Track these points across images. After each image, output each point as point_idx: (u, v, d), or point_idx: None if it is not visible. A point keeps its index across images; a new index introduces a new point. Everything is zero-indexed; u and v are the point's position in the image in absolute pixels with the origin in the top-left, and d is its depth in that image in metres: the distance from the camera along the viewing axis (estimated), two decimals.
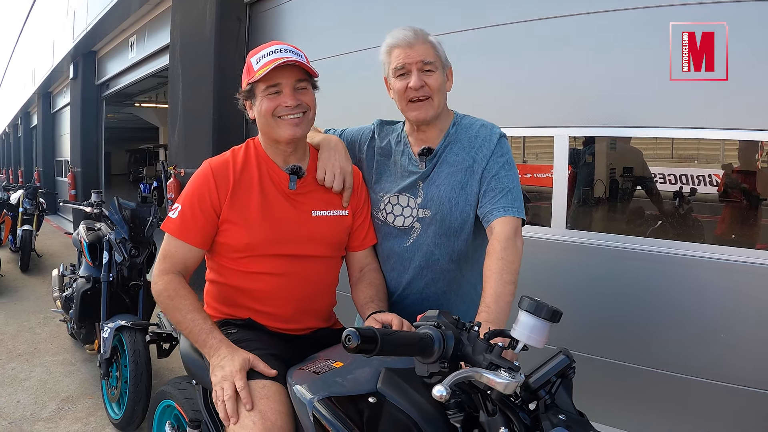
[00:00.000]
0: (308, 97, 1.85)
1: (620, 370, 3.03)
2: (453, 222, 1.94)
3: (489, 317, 1.60)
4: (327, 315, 2.06)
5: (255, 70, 1.79)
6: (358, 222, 2.04)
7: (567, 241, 3.27)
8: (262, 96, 1.82)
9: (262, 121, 1.85)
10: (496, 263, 1.72)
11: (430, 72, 1.89)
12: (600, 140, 3.35)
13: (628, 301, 3.03)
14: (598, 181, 3.41)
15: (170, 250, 1.83)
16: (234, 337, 1.82)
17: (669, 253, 2.90)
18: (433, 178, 1.97)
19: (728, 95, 2.68)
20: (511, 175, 1.90)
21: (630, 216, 3.37)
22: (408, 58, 1.88)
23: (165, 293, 1.77)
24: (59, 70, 14.47)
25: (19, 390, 4.16)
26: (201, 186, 1.85)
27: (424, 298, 2.03)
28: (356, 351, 1.11)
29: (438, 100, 1.91)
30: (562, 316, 1.22)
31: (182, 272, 1.83)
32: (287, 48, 1.82)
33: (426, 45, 1.90)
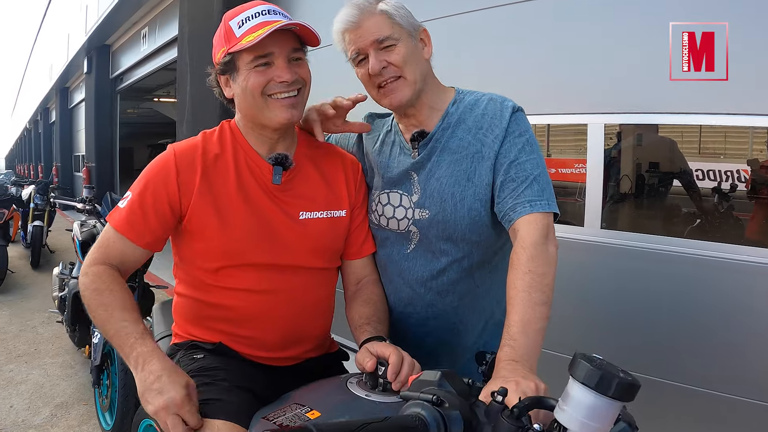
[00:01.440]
0: (304, 70, 1.48)
1: (660, 388, 2.70)
2: (459, 223, 1.53)
3: (515, 353, 1.19)
4: (320, 340, 1.66)
5: (238, 37, 1.40)
6: (356, 223, 1.66)
7: (602, 242, 2.95)
8: (247, 69, 1.42)
9: (247, 101, 1.45)
10: (522, 278, 1.32)
11: (390, 47, 1.50)
12: (635, 130, 3.04)
13: (670, 310, 2.71)
14: (633, 176, 3.12)
15: (108, 242, 1.45)
16: (199, 362, 1.48)
17: (715, 257, 2.58)
18: (431, 170, 1.57)
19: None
20: (535, 159, 1.48)
21: (672, 215, 3.06)
22: (360, 41, 1.51)
23: (92, 286, 1.37)
24: (74, 64, 14.54)
25: (13, 394, 3.99)
26: (158, 175, 1.46)
27: (429, 317, 1.64)
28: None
29: (412, 74, 1.52)
30: (639, 389, 0.79)
31: (117, 267, 1.44)
32: (275, 10, 1.44)
33: (375, 18, 1.51)
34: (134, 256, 1.46)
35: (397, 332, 1.68)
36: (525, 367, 1.14)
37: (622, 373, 0.76)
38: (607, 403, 0.77)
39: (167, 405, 1.19)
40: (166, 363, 1.26)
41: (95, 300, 1.36)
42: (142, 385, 1.23)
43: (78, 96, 17.31)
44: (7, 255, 7.23)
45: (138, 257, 1.47)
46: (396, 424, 0.85)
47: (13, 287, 7.22)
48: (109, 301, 1.35)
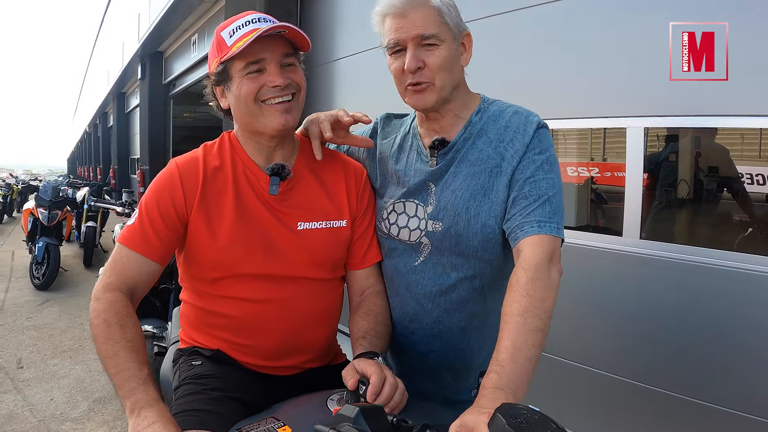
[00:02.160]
0: (297, 75, 1.47)
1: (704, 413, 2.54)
2: (472, 239, 1.47)
3: (501, 381, 1.12)
4: (322, 351, 1.63)
5: (229, 46, 1.41)
6: (358, 233, 1.62)
7: (641, 254, 2.78)
8: (240, 77, 1.42)
9: (242, 108, 1.45)
10: (518, 301, 1.24)
11: (432, 46, 1.42)
12: (680, 134, 2.87)
13: (712, 330, 2.54)
14: (681, 181, 2.93)
15: (121, 261, 1.43)
16: (196, 369, 1.50)
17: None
18: (447, 181, 1.51)
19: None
20: (552, 179, 1.41)
21: (719, 225, 2.85)
22: (401, 32, 1.41)
23: (103, 316, 1.33)
24: (129, 71, 14.99)
25: (55, 387, 4.18)
26: (163, 188, 1.47)
27: (434, 335, 1.57)
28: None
29: (442, 81, 1.44)
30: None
31: (131, 291, 1.42)
32: (266, 18, 1.44)
33: (425, 10, 1.40)
34: (147, 273, 1.45)
35: (401, 347, 1.65)
36: (509, 396, 1.09)
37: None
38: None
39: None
40: (163, 414, 1.19)
41: (104, 332, 1.31)
42: (133, 430, 1.17)
43: (134, 101, 17.82)
44: (59, 254, 7.55)
45: (150, 273, 1.46)
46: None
47: (64, 284, 7.52)
48: (119, 337, 1.30)
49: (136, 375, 1.24)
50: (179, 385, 1.49)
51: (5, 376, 4.42)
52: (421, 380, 1.60)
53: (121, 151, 19.70)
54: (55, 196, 8.33)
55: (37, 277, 7.40)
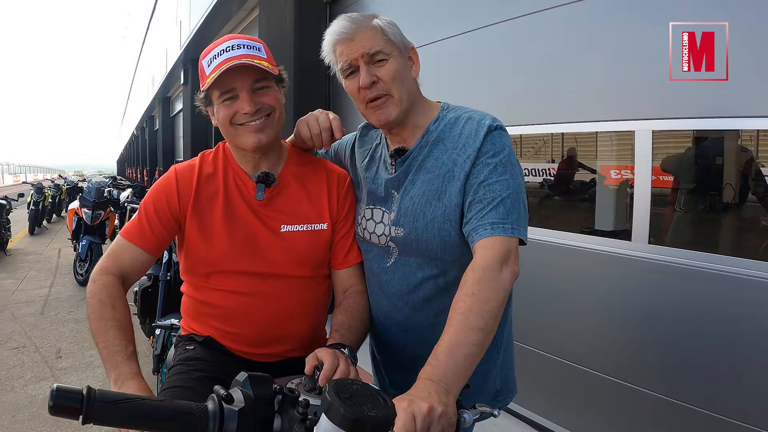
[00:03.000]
0: (269, 97, 1.60)
1: (714, 425, 2.55)
2: (431, 242, 1.54)
3: (434, 373, 1.17)
4: (305, 341, 1.73)
5: (207, 75, 1.55)
6: (339, 235, 1.74)
7: (648, 259, 2.81)
8: (218, 103, 1.59)
9: (223, 129, 1.63)
10: (463, 301, 1.29)
11: (381, 62, 1.53)
12: (702, 136, 2.86)
13: (719, 338, 2.55)
14: (694, 187, 2.98)
15: (117, 249, 1.62)
16: (188, 353, 1.67)
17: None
18: (407, 188, 1.59)
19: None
20: (506, 181, 1.45)
21: (736, 232, 2.86)
22: (351, 53, 1.53)
23: (98, 296, 1.49)
24: (173, 76, 15.42)
25: (90, 376, 4.44)
26: (161, 190, 1.65)
27: (407, 330, 1.66)
28: (55, 413, 0.83)
29: (399, 92, 1.54)
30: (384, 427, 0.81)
31: (124, 276, 1.59)
32: (240, 43, 1.57)
33: (369, 31, 1.53)
34: (139, 261, 1.61)
35: (381, 342, 1.76)
36: (439, 388, 1.13)
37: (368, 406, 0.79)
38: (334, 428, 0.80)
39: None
40: (143, 386, 1.31)
41: (97, 311, 1.47)
42: None
43: (178, 105, 18.27)
44: (102, 252, 7.85)
45: (142, 262, 1.62)
46: (177, 407, 0.92)
47: None
48: (110, 316, 1.45)
49: (122, 350, 1.38)
50: (173, 365, 1.66)
51: (44, 364, 4.72)
52: (402, 372, 1.72)
53: (166, 153, 20.20)
54: (98, 197, 8.71)
55: (80, 273, 7.77)
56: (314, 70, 5.60)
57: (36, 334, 5.55)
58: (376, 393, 0.83)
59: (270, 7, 6.49)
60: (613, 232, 3.10)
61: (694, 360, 2.62)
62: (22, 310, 6.49)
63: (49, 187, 15.76)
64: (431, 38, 4.15)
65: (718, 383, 2.53)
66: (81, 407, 0.82)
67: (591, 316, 3.11)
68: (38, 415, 3.78)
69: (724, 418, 2.50)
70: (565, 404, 3.27)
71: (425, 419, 1.04)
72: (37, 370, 4.61)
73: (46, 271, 8.89)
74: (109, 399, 0.86)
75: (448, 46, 4.03)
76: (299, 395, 1.02)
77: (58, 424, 3.65)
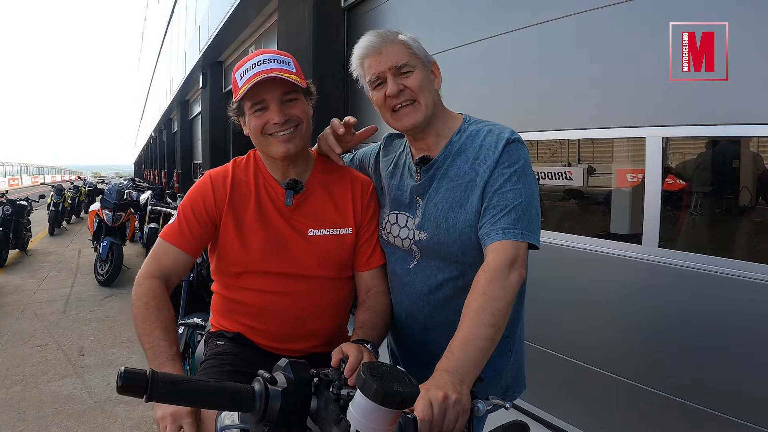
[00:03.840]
0: (297, 109, 1.69)
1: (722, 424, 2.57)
2: (451, 245, 1.65)
3: (449, 365, 1.29)
4: (329, 338, 1.83)
5: (239, 87, 1.66)
6: (363, 239, 1.84)
7: (657, 262, 2.85)
8: (249, 114, 1.69)
9: (254, 138, 1.74)
10: (476, 300, 1.41)
11: (407, 74, 1.65)
12: (700, 142, 2.93)
13: (729, 342, 2.57)
14: (705, 191, 3.01)
15: (159, 252, 1.72)
16: (219, 348, 1.77)
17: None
18: (431, 195, 1.70)
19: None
20: (519, 190, 1.56)
21: (745, 235, 2.90)
22: (379, 66, 1.65)
23: (144, 299, 1.60)
24: (191, 79, 15.60)
25: (113, 373, 4.48)
26: (198, 194, 1.76)
27: (427, 329, 1.76)
28: (123, 393, 0.92)
29: (425, 100, 1.65)
30: (409, 401, 0.90)
31: (167, 277, 1.70)
32: (271, 58, 1.67)
33: (395, 46, 1.65)
34: (180, 263, 1.73)
35: (402, 339, 1.86)
36: (453, 378, 1.24)
37: (397, 383, 0.88)
38: (373, 406, 0.89)
39: (174, 413, 1.38)
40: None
41: (143, 312, 1.58)
42: None
43: (196, 108, 18.45)
44: (122, 252, 8.06)
45: (183, 263, 1.74)
46: (229, 388, 1.01)
47: (126, 282, 7.96)
48: (154, 317, 1.56)
49: (166, 351, 1.49)
50: (204, 360, 1.76)
51: (67, 361, 4.84)
52: (421, 367, 1.79)
53: (185, 156, 20.45)
54: (119, 199, 8.87)
55: (101, 273, 7.92)
56: (333, 75, 5.70)
57: (58, 333, 5.68)
58: (403, 373, 0.92)
59: (289, 13, 6.58)
60: (626, 235, 3.15)
61: (703, 361, 2.66)
62: (44, 309, 6.64)
63: (68, 189, 16.00)
64: (447, 45, 4.21)
65: (729, 385, 2.56)
66: (146, 387, 0.92)
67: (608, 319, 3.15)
68: (62, 411, 3.89)
69: (733, 418, 2.53)
70: (575, 402, 3.31)
71: (441, 405, 1.15)
72: (60, 368, 4.72)
73: (66, 271, 9.07)
74: (170, 380, 0.95)
75: (465, 54, 4.08)
76: (334, 379, 1.11)
77: (81, 419, 3.76)
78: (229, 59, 12.69)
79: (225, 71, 13.26)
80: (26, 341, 5.41)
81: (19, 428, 3.64)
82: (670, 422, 2.79)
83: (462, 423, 1.18)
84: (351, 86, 5.84)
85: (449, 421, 1.16)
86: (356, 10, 5.83)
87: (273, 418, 1.03)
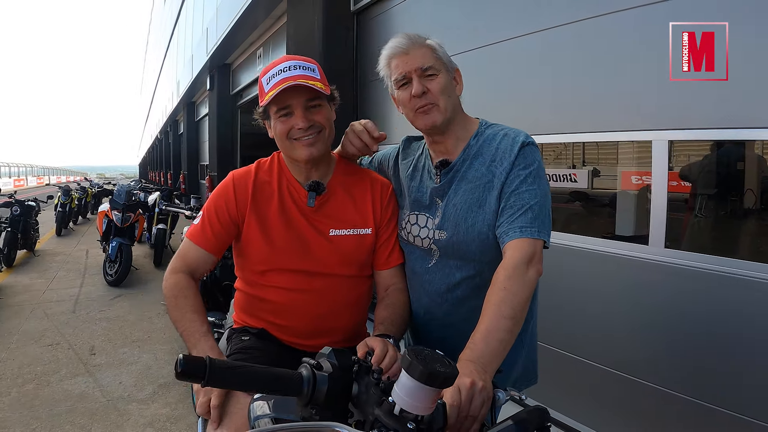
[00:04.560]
0: (321, 115, 1.76)
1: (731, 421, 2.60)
2: (470, 244, 1.72)
3: (473, 355, 1.37)
4: (349, 334, 1.91)
5: (266, 92, 1.73)
6: (382, 239, 1.91)
7: (664, 262, 2.90)
8: (275, 118, 1.77)
9: (279, 142, 1.81)
10: (496, 294, 1.49)
11: (431, 76, 1.73)
12: (703, 145, 2.98)
13: (734, 339, 2.61)
14: (712, 192, 3.06)
15: (185, 251, 1.84)
16: (244, 343, 1.83)
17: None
18: (450, 196, 1.78)
19: None
20: (534, 191, 1.64)
21: (754, 237, 2.93)
22: (406, 66, 1.73)
23: (172, 290, 1.74)
24: (199, 81, 15.66)
25: (124, 372, 4.60)
26: (220, 196, 1.84)
27: (445, 325, 1.84)
28: (182, 378, 0.98)
29: (445, 103, 1.73)
30: (450, 380, 0.97)
31: (192, 272, 1.81)
32: (297, 64, 1.74)
33: (423, 49, 1.74)
34: (204, 262, 1.84)
35: (421, 335, 1.93)
36: (477, 366, 1.32)
37: (439, 364, 0.96)
38: (418, 385, 0.97)
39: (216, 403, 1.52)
40: (219, 355, 1.59)
41: (173, 302, 1.73)
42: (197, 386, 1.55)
43: (203, 110, 18.51)
44: (131, 253, 8.12)
45: (207, 262, 1.84)
46: (279, 373, 1.09)
47: (136, 282, 8.08)
48: (183, 304, 1.71)
49: (198, 329, 1.65)
50: (230, 354, 1.82)
51: (78, 361, 4.90)
52: None
53: (191, 157, 20.55)
54: (128, 200, 8.95)
55: (110, 274, 7.99)
56: (342, 78, 5.73)
57: (69, 332, 5.74)
58: (442, 356, 0.99)
59: (298, 16, 6.64)
60: (633, 236, 3.19)
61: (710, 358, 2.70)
62: (54, 308, 6.71)
63: (75, 190, 16.08)
64: (455, 50, 4.19)
65: (735, 384, 2.60)
66: (204, 373, 0.98)
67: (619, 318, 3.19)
68: (75, 409, 3.94)
69: (739, 415, 2.57)
70: (581, 399, 3.35)
71: (469, 391, 1.23)
72: (72, 366, 4.78)
73: (75, 271, 9.15)
74: (225, 366, 1.02)
75: (471, 58, 4.13)
76: (373, 365, 1.18)
77: (95, 417, 3.81)
78: (236, 61, 12.74)
79: (232, 73, 13.33)
80: (37, 340, 5.48)
81: (33, 426, 3.69)
82: (676, 418, 2.83)
83: (486, 409, 1.25)
84: (360, 88, 5.92)
85: (476, 406, 1.23)
86: (365, 14, 5.88)
87: (320, 401, 1.10)
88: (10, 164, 51.73)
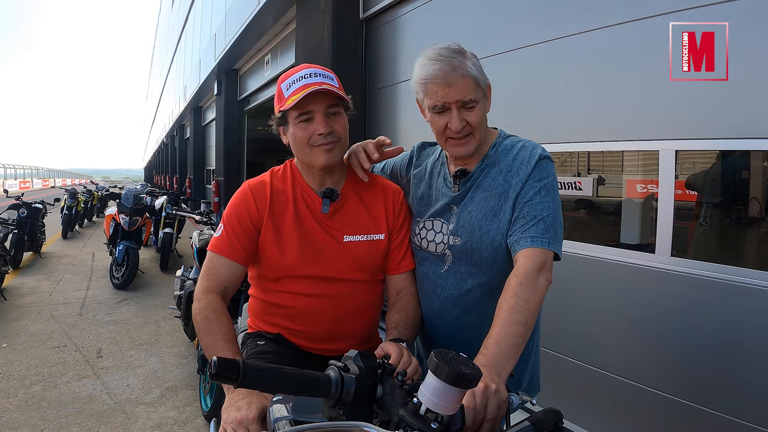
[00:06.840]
0: (340, 123, 1.79)
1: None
2: (483, 251, 1.75)
3: (486, 360, 1.39)
4: (363, 338, 1.96)
5: (286, 98, 1.75)
6: (395, 244, 1.94)
7: (670, 271, 2.91)
8: (294, 124, 1.78)
9: (297, 148, 1.82)
10: (508, 300, 1.51)
11: (471, 109, 1.70)
12: (709, 154, 2.96)
13: (741, 347, 2.61)
14: (717, 201, 3.03)
15: (213, 267, 1.80)
16: (260, 348, 1.86)
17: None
18: (466, 204, 1.81)
19: None
20: (547, 202, 1.68)
21: (758, 244, 2.90)
22: (447, 97, 1.68)
23: (203, 314, 1.71)
24: (206, 87, 15.72)
25: (131, 375, 4.63)
26: (240, 203, 1.85)
27: (454, 330, 1.87)
28: (216, 379, 1.02)
29: (480, 133, 1.75)
30: (475, 381, 1.00)
31: (224, 291, 1.79)
32: (317, 72, 1.77)
33: (466, 80, 1.68)
34: (235, 274, 1.81)
35: (429, 340, 1.95)
36: (491, 371, 1.34)
37: (464, 366, 1.00)
38: (444, 386, 1.00)
39: (241, 419, 1.43)
40: (251, 391, 1.48)
41: (205, 327, 1.69)
42: (228, 402, 1.50)
43: (210, 115, 18.55)
44: (138, 257, 8.17)
45: (238, 273, 1.82)
46: (308, 375, 1.13)
47: (142, 285, 8.12)
48: (216, 330, 1.67)
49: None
50: (247, 358, 1.84)
51: (86, 363, 4.94)
52: None
53: (197, 162, 20.60)
54: (135, 204, 9.01)
55: (116, 277, 8.04)
56: (351, 86, 5.75)
57: (75, 334, 5.78)
58: (465, 359, 1.03)
59: (307, 23, 6.68)
60: (638, 245, 3.20)
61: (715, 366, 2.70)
62: (61, 311, 6.75)
63: (82, 192, 16.16)
64: None
65: (740, 392, 2.61)
66: (238, 374, 1.02)
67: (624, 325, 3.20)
68: (82, 411, 3.98)
69: (748, 423, 2.56)
70: (587, 405, 3.36)
71: (483, 395, 1.26)
72: (79, 369, 4.81)
73: (81, 274, 9.20)
74: (258, 368, 1.06)
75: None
76: (395, 368, 1.22)
77: (102, 419, 3.84)
78: (244, 67, 12.81)
79: (240, 79, 13.41)
80: (44, 342, 5.51)
81: (41, 427, 3.73)
82: (683, 427, 2.83)
83: (502, 412, 1.28)
84: (369, 96, 5.95)
85: (491, 409, 1.26)
86: (374, 22, 5.90)
87: (347, 402, 1.14)
88: (15, 166, 51.99)
